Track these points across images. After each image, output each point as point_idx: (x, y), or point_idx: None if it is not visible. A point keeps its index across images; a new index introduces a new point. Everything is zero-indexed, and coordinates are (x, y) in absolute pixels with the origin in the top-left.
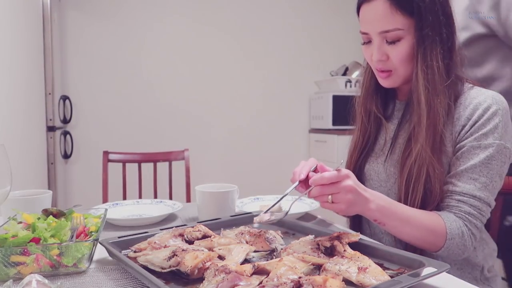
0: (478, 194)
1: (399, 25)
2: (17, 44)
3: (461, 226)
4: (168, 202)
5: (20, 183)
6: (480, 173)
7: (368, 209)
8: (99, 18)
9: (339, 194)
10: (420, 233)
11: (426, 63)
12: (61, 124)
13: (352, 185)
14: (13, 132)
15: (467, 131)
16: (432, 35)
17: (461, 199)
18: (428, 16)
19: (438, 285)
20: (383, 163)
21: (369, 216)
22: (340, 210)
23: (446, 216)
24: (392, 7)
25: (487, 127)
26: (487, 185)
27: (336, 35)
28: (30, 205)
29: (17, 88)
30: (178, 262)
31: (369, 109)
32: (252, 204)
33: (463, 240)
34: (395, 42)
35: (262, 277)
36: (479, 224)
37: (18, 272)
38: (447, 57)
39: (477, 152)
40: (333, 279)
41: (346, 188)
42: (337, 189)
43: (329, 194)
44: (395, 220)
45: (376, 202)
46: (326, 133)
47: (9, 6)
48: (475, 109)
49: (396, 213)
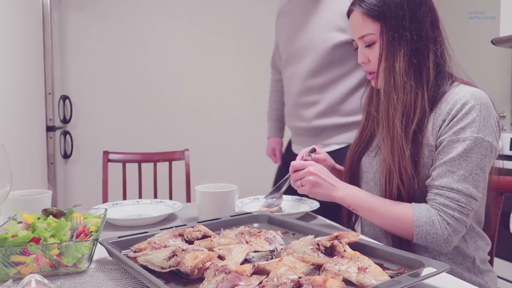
0: (455, 186)
1: (371, 30)
2: (17, 44)
3: (433, 215)
4: (168, 202)
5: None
6: (459, 166)
7: (336, 195)
8: (99, 18)
9: (304, 178)
10: (388, 220)
11: (387, 63)
12: (61, 124)
13: (312, 170)
14: (13, 132)
15: (446, 126)
16: (397, 37)
17: (438, 192)
18: (391, 21)
19: (438, 285)
20: (375, 157)
21: (339, 202)
22: (306, 191)
23: (418, 207)
24: (364, 15)
25: (465, 121)
26: (466, 177)
27: None
28: (30, 205)
29: (17, 88)
30: (178, 262)
31: (367, 110)
32: (252, 204)
33: (434, 228)
34: (371, 45)
35: (262, 277)
36: (457, 215)
37: (18, 272)
38: (415, 58)
39: (455, 146)
40: (333, 279)
41: (308, 172)
42: (302, 174)
43: (298, 179)
44: (366, 208)
45: (346, 191)
46: None
47: (9, 6)
48: (454, 104)
49: (365, 202)
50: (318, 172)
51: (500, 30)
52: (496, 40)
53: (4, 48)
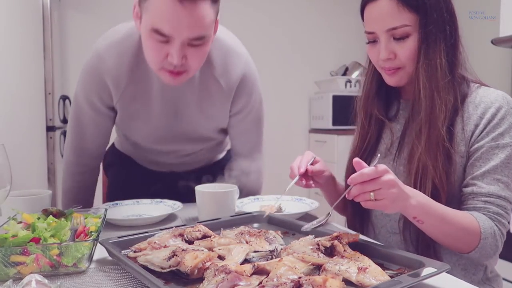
0: (503, 194)
1: (407, 21)
2: (17, 44)
3: (492, 225)
4: (168, 202)
5: (20, 183)
6: (502, 173)
7: (409, 205)
8: (99, 18)
9: (381, 189)
10: (457, 232)
11: (428, 60)
12: (61, 124)
13: (393, 179)
14: (13, 132)
15: (481, 131)
16: (436, 32)
17: (488, 200)
18: (432, 13)
19: (438, 285)
20: (391, 162)
21: (409, 213)
22: (384, 206)
23: (478, 216)
24: (399, 4)
25: (503, 126)
26: (509, 185)
27: (336, 35)
28: (30, 205)
29: (17, 88)
30: (178, 262)
31: (370, 112)
32: (252, 204)
33: (495, 240)
34: (403, 38)
35: (262, 277)
36: (506, 223)
37: (18, 272)
38: (450, 54)
39: (496, 152)
40: (333, 279)
41: (388, 183)
42: (378, 184)
43: (371, 191)
44: (434, 217)
45: (416, 199)
46: (326, 133)
47: (9, 6)
48: (487, 108)
49: (435, 211)
50: (398, 180)
51: (500, 30)
52: (496, 40)
53: (4, 48)
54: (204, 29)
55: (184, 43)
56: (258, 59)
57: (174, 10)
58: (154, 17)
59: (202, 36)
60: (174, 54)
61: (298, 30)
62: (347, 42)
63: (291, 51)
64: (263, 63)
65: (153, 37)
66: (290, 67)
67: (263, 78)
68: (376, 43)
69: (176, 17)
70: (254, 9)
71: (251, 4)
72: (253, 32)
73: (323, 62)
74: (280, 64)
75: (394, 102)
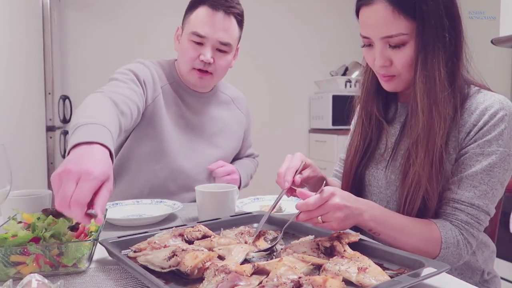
0: (476, 202)
1: (403, 30)
2: (17, 43)
3: (457, 235)
4: (168, 202)
5: (20, 183)
6: (481, 181)
7: (362, 220)
8: (99, 18)
9: (328, 214)
10: (415, 242)
11: (426, 71)
12: (60, 124)
13: (339, 202)
14: (13, 132)
15: (471, 137)
16: (434, 40)
17: (459, 207)
18: (430, 20)
19: (438, 285)
20: (383, 169)
21: (363, 227)
22: (332, 228)
23: (442, 225)
24: (394, 11)
25: (492, 133)
26: (487, 193)
27: (336, 35)
28: (30, 205)
29: (17, 88)
30: (178, 262)
31: (369, 112)
32: (252, 204)
33: (458, 249)
34: (399, 46)
35: (262, 277)
36: (476, 232)
37: (18, 272)
38: (450, 62)
39: (479, 159)
40: (333, 279)
41: (334, 207)
42: (324, 210)
43: (318, 216)
44: (390, 229)
45: (370, 212)
46: (326, 133)
47: (9, 6)
48: (481, 115)
49: (390, 223)
50: (345, 201)
51: (500, 30)
52: (496, 40)
53: (4, 48)
54: (231, 37)
55: (214, 47)
56: (258, 59)
57: (210, 16)
58: (195, 23)
59: (228, 43)
60: (206, 53)
61: (298, 30)
62: (347, 42)
63: (291, 51)
64: (263, 63)
65: (191, 39)
66: (290, 67)
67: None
68: (371, 47)
69: (211, 22)
70: (254, 9)
71: (251, 4)
72: (253, 32)
73: (323, 62)
74: (280, 64)
75: (392, 103)
